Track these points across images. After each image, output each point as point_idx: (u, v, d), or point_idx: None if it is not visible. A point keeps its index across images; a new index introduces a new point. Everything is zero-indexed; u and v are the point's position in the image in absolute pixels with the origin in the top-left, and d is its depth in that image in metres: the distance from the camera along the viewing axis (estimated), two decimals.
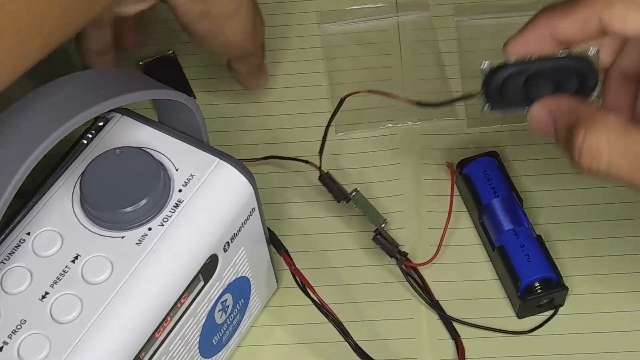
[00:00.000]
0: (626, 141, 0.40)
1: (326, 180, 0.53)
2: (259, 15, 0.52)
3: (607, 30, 0.43)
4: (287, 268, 0.48)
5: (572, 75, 0.44)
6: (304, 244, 0.54)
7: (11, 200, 0.36)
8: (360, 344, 0.48)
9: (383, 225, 0.52)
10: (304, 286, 0.47)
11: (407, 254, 0.51)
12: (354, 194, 0.52)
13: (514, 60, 0.44)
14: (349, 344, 0.47)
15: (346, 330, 0.47)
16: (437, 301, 0.51)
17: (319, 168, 0.53)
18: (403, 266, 0.51)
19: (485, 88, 0.45)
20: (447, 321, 0.51)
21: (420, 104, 0.47)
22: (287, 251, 0.48)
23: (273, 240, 0.48)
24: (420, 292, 0.51)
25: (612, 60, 0.47)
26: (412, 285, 0.51)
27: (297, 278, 0.47)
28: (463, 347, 0.50)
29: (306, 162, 0.54)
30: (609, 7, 0.42)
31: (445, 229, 0.52)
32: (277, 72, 0.61)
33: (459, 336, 0.50)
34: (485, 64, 0.45)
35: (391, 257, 0.51)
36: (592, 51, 0.44)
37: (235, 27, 0.50)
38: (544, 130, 0.44)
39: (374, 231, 0.51)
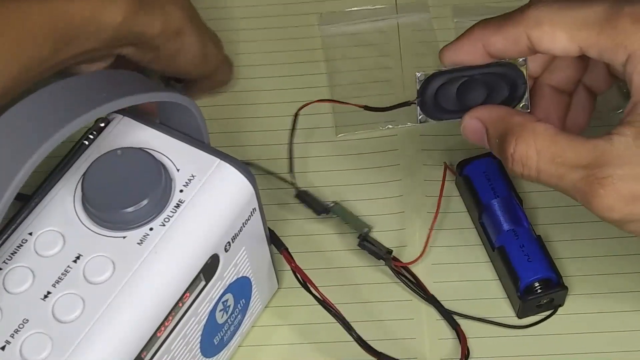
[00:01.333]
0: (553, 149, 0.41)
1: (303, 197, 0.54)
2: (210, 40, 0.54)
3: (536, 49, 0.44)
4: (288, 268, 0.48)
5: (503, 83, 0.46)
6: (304, 245, 0.54)
7: (12, 200, 0.37)
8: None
9: (366, 230, 0.53)
10: (304, 282, 0.47)
11: (392, 251, 0.52)
12: (332, 205, 0.53)
13: (447, 68, 0.46)
14: (352, 336, 0.47)
15: (349, 324, 0.47)
16: (432, 295, 0.51)
17: (294, 186, 0.54)
18: (393, 266, 0.51)
19: (420, 97, 0.46)
20: (446, 313, 0.51)
21: (367, 108, 0.51)
22: (287, 249, 0.48)
23: (273, 239, 0.49)
24: (414, 288, 0.51)
25: (542, 71, 0.49)
26: (404, 283, 0.51)
27: (298, 275, 0.47)
28: (464, 335, 0.50)
29: (282, 179, 0.55)
30: (537, 27, 0.43)
31: (431, 228, 0.52)
32: (276, 73, 0.61)
33: (459, 325, 0.50)
34: (420, 74, 0.47)
35: (379, 259, 0.52)
36: (521, 60, 0.46)
37: (186, 60, 0.52)
38: (476, 138, 0.46)
39: (358, 237, 0.52)
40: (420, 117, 0.47)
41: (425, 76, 0.46)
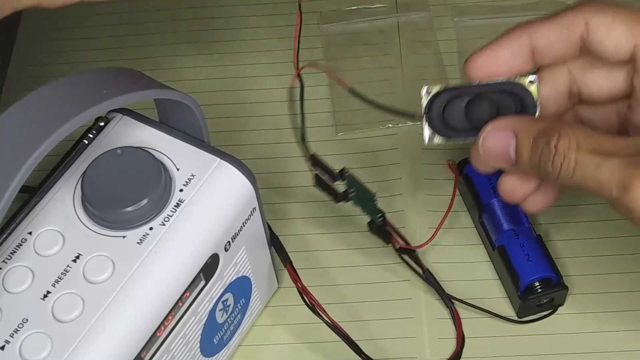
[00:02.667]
0: (593, 141, 0.40)
1: (316, 160, 0.49)
2: None
3: (588, 42, 0.42)
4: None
5: (511, 102, 0.44)
6: (303, 244, 0.54)
7: (12, 200, 0.37)
8: (359, 343, 0.48)
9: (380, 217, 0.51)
10: (313, 306, 0.47)
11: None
12: (347, 174, 0.49)
13: (453, 85, 0.44)
14: (362, 358, 0.48)
15: (358, 346, 0.47)
16: (428, 269, 0.52)
17: (308, 152, 0.49)
18: (399, 249, 0.52)
19: (428, 116, 0.44)
20: (442, 293, 0.51)
21: (366, 100, 0.47)
22: (291, 263, 0.48)
23: (279, 251, 0.48)
24: (418, 270, 0.52)
25: (569, 104, 0.46)
26: (407, 263, 0.52)
27: (306, 298, 0.47)
28: (459, 317, 0.51)
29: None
30: (600, 13, 0.42)
31: (439, 225, 0.52)
32: (277, 72, 0.61)
33: (453, 304, 0.51)
34: (424, 90, 0.44)
35: (388, 243, 0.52)
36: (529, 80, 0.44)
37: None
38: (500, 150, 0.43)
39: (368, 223, 0.51)
40: (428, 134, 0.45)
41: (430, 93, 0.44)
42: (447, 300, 0.51)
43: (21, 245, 0.41)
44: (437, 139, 0.45)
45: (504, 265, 0.51)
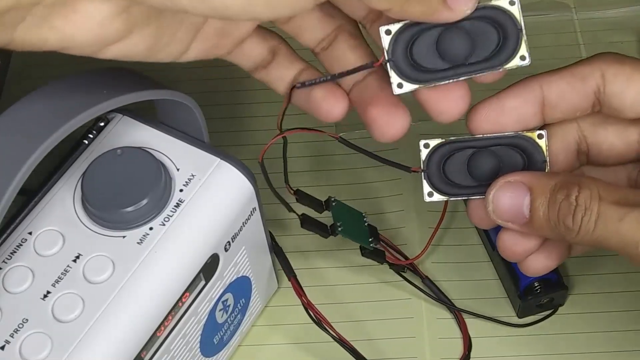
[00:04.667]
0: (615, 194, 0.38)
1: (301, 196, 0.48)
2: None
3: (604, 95, 0.40)
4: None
5: (518, 158, 0.41)
6: (303, 244, 0.54)
7: (12, 200, 0.37)
8: (359, 343, 0.48)
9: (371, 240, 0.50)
10: (319, 321, 0.46)
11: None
12: (334, 201, 0.48)
13: (454, 138, 0.41)
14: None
15: (359, 353, 0.47)
16: (427, 277, 0.52)
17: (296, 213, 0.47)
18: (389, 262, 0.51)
19: (427, 171, 0.41)
20: (447, 301, 0.51)
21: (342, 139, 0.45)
22: (295, 277, 0.47)
23: (283, 263, 0.48)
24: (417, 285, 0.51)
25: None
26: (405, 278, 0.51)
27: (311, 312, 0.47)
28: (464, 320, 0.50)
29: (288, 207, 0.47)
30: (617, 64, 0.39)
31: (437, 226, 0.51)
32: None
33: (457, 310, 0.51)
34: (422, 144, 0.41)
35: (381, 263, 0.51)
36: (540, 132, 0.41)
37: None
38: (513, 208, 0.39)
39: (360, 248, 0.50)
40: (427, 191, 0.41)
41: (429, 147, 0.41)
42: (451, 306, 0.51)
43: (21, 245, 0.41)
44: (437, 197, 0.41)
45: (504, 265, 0.51)
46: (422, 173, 0.41)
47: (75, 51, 0.35)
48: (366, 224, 0.49)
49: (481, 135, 0.41)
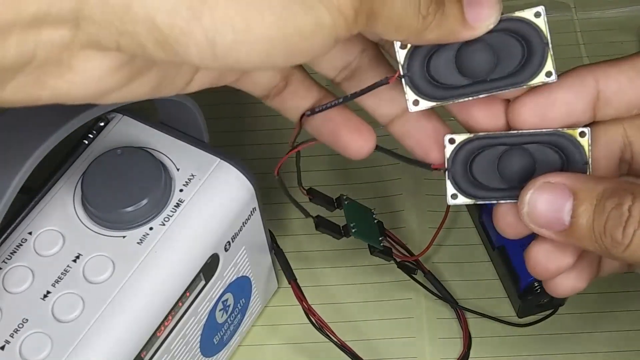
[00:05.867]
0: None
1: (314, 193, 0.47)
2: None
3: None
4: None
5: (556, 158, 0.37)
6: (303, 244, 0.54)
7: (12, 200, 0.37)
8: (359, 343, 0.48)
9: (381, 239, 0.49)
10: (320, 327, 0.46)
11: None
12: (345, 199, 0.48)
13: (484, 133, 0.37)
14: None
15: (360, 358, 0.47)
16: (430, 271, 0.51)
17: (309, 214, 0.46)
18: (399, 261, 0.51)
19: (451, 170, 0.37)
20: (448, 296, 0.51)
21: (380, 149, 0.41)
22: (296, 280, 0.47)
23: (284, 267, 0.48)
24: (419, 280, 0.51)
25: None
26: (411, 276, 0.51)
27: (312, 318, 0.46)
28: (464, 316, 0.50)
29: (305, 213, 0.46)
30: None
31: (440, 226, 0.51)
32: None
33: (459, 307, 0.51)
34: (447, 139, 0.37)
35: (389, 261, 0.51)
36: (583, 130, 0.36)
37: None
38: (552, 213, 0.35)
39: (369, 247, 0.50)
40: (451, 193, 0.38)
41: (455, 144, 0.37)
42: (452, 303, 0.51)
43: (21, 245, 0.41)
44: (462, 199, 0.38)
45: (504, 265, 0.51)
46: (446, 172, 0.38)
47: (71, 103, 0.32)
48: (375, 220, 0.48)
49: (515, 132, 0.37)
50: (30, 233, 0.42)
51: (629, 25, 0.62)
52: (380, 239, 0.48)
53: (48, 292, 0.40)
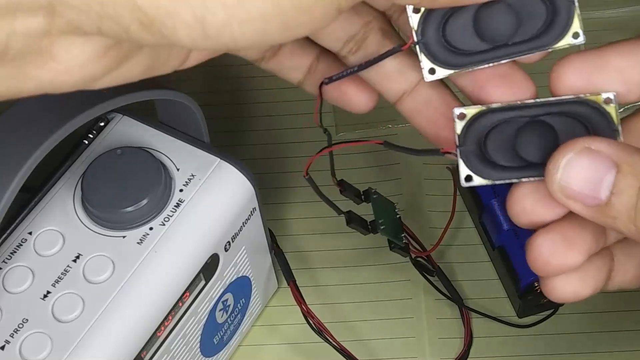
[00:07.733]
0: None
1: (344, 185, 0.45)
2: None
3: None
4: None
5: (580, 129, 0.33)
6: (303, 244, 0.54)
7: (12, 200, 0.37)
8: (359, 343, 0.48)
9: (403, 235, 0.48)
10: (320, 331, 0.46)
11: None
12: (374, 193, 0.46)
13: (498, 105, 0.33)
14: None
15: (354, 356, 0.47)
16: (439, 267, 0.51)
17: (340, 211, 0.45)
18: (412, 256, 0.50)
19: (462, 147, 0.33)
20: (453, 291, 0.51)
21: (388, 145, 0.38)
22: (295, 282, 0.47)
23: (283, 268, 0.48)
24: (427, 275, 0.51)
25: None
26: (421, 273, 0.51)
27: (312, 322, 0.46)
28: (467, 315, 0.50)
29: (337, 210, 0.44)
30: None
31: (447, 226, 0.51)
32: None
33: (464, 304, 0.51)
34: (457, 113, 0.33)
35: (406, 256, 0.50)
36: (606, 97, 0.33)
37: None
38: (589, 185, 0.30)
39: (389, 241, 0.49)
40: (465, 175, 0.33)
41: (466, 118, 0.33)
42: (458, 302, 0.51)
43: (21, 245, 0.41)
44: (478, 180, 0.34)
45: (504, 265, 0.51)
46: (458, 151, 0.33)
47: (58, 92, 0.30)
48: (397, 215, 0.47)
49: (531, 101, 0.33)
50: (30, 233, 0.42)
51: (629, 25, 0.62)
52: (402, 235, 0.47)
53: (48, 292, 0.40)
